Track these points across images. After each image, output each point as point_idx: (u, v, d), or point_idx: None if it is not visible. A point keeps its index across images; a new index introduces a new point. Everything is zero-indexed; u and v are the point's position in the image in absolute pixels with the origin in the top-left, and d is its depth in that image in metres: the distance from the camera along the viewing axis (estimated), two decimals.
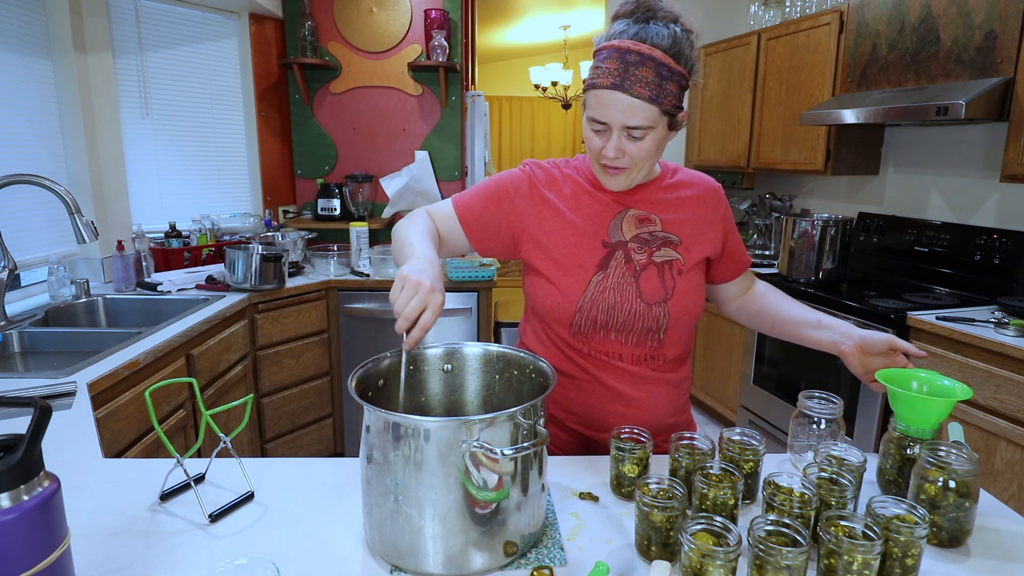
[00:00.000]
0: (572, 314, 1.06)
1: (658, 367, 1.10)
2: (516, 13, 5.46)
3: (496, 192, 1.12)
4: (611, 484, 0.95)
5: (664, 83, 0.95)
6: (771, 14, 3.60)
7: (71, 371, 1.44)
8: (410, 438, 0.72)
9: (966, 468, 0.81)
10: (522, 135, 7.68)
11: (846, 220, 2.79)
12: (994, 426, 1.93)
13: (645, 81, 0.93)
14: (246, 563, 0.66)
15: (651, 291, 1.06)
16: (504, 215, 1.11)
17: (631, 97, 0.94)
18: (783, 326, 1.19)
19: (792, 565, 0.66)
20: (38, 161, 2.25)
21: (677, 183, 1.14)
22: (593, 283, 1.06)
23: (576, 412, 1.13)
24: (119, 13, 2.53)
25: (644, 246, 1.07)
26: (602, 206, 1.09)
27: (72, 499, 0.90)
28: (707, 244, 1.12)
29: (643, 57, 0.93)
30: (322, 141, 3.27)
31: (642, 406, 1.10)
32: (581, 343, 1.09)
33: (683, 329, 1.11)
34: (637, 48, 0.93)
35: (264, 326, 2.47)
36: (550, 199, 1.10)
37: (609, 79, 0.94)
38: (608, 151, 0.99)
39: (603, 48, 0.97)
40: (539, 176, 1.13)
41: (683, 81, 0.97)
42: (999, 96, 2.13)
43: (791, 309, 1.18)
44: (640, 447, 0.92)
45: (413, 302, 0.81)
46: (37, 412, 0.60)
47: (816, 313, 1.16)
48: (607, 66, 0.95)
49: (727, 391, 3.34)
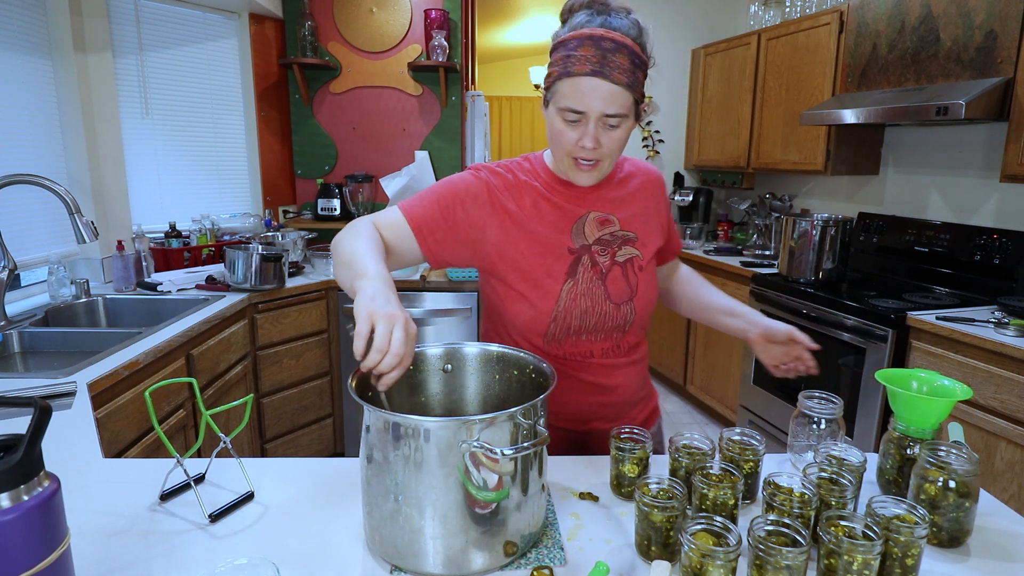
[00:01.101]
0: (547, 325, 1.06)
1: (624, 353, 1.14)
2: (516, 13, 5.46)
3: (452, 199, 1.05)
4: (611, 484, 0.95)
5: (636, 71, 0.95)
6: (771, 14, 3.60)
7: (71, 371, 1.44)
8: (410, 438, 0.72)
9: (966, 468, 0.81)
10: (522, 135, 7.68)
11: (846, 220, 2.79)
12: (994, 426, 1.93)
13: (622, 68, 0.93)
14: (246, 563, 0.66)
15: (618, 291, 1.08)
16: (461, 223, 1.05)
17: (611, 83, 0.93)
18: (700, 311, 1.28)
19: (792, 565, 0.66)
20: (38, 161, 2.25)
21: (626, 176, 1.15)
22: (564, 292, 1.05)
23: (558, 411, 1.13)
24: (119, 13, 2.53)
25: (606, 247, 1.08)
26: (563, 212, 1.07)
27: (72, 499, 0.90)
28: (657, 235, 1.15)
29: (617, 44, 0.93)
30: (322, 141, 3.27)
31: (617, 391, 1.14)
32: (555, 348, 1.10)
33: (646, 319, 1.14)
34: (611, 36, 0.93)
35: (264, 326, 2.47)
36: (510, 209, 1.06)
37: (588, 66, 0.92)
38: (586, 141, 0.97)
39: (572, 37, 0.94)
40: (495, 184, 1.07)
41: (646, 70, 0.98)
42: (999, 96, 2.13)
43: (709, 295, 1.27)
44: (640, 447, 0.92)
45: (397, 335, 0.75)
46: (37, 412, 0.60)
47: (731, 301, 1.24)
48: (582, 53, 0.93)
49: (727, 391, 3.34)
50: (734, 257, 3.45)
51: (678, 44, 4.12)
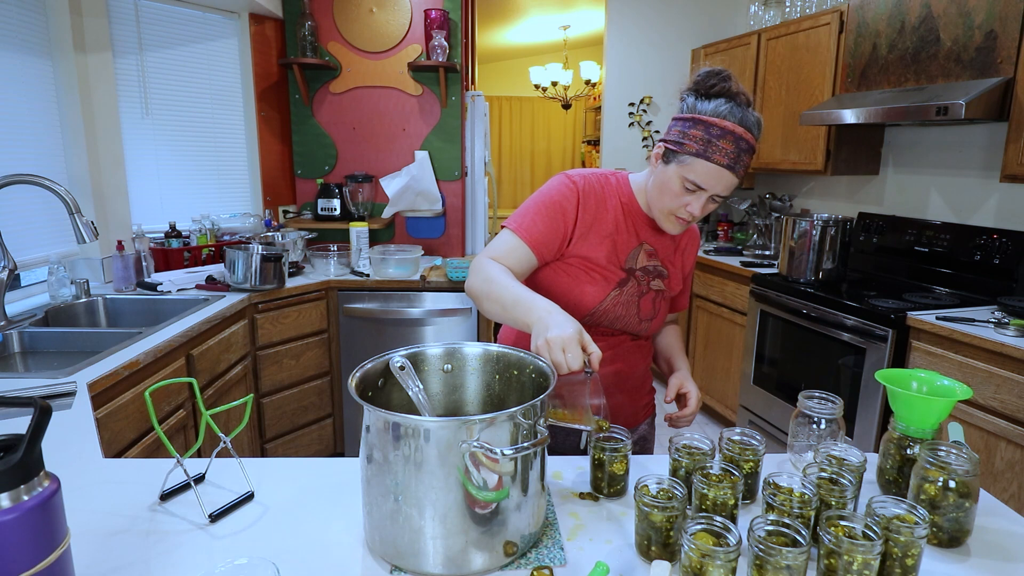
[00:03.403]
0: (585, 314, 1.21)
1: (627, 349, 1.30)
2: (516, 13, 5.46)
3: (556, 211, 1.18)
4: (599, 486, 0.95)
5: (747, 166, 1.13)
6: (771, 14, 3.60)
7: (71, 371, 1.44)
8: (410, 438, 0.72)
9: (966, 468, 0.81)
10: (522, 135, 7.68)
11: (846, 220, 2.79)
12: (994, 426, 1.93)
13: (745, 166, 1.11)
14: (246, 563, 0.66)
15: (646, 311, 1.26)
16: (561, 227, 1.19)
17: (735, 177, 1.10)
18: None
19: (792, 565, 0.66)
20: (38, 161, 2.25)
21: None
22: (610, 296, 1.21)
23: None
24: (119, 13, 2.53)
25: (647, 275, 1.25)
26: (628, 236, 1.23)
27: (72, 499, 0.90)
28: (679, 280, 1.33)
29: (749, 146, 1.10)
30: (322, 141, 3.27)
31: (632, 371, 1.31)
32: None
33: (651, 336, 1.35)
34: (747, 137, 1.09)
35: (264, 326, 2.47)
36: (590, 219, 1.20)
37: (726, 159, 1.08)
38: (695, 209, 1.13)
39: (716, 125, 1.07)
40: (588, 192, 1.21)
41: None
42: (999, 96, 2.13)
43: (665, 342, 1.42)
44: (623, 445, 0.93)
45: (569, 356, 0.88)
46: (37, 412, 0.60)
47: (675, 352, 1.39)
48: (723, 146, 1.07)
49: (727, 391, 3.34)
50: (734, 257, 3.45)
51: (678, 44, 4.12)
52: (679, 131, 1.11)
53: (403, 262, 2.77)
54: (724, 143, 1.07)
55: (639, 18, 4.10)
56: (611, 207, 1.22)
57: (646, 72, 4.14)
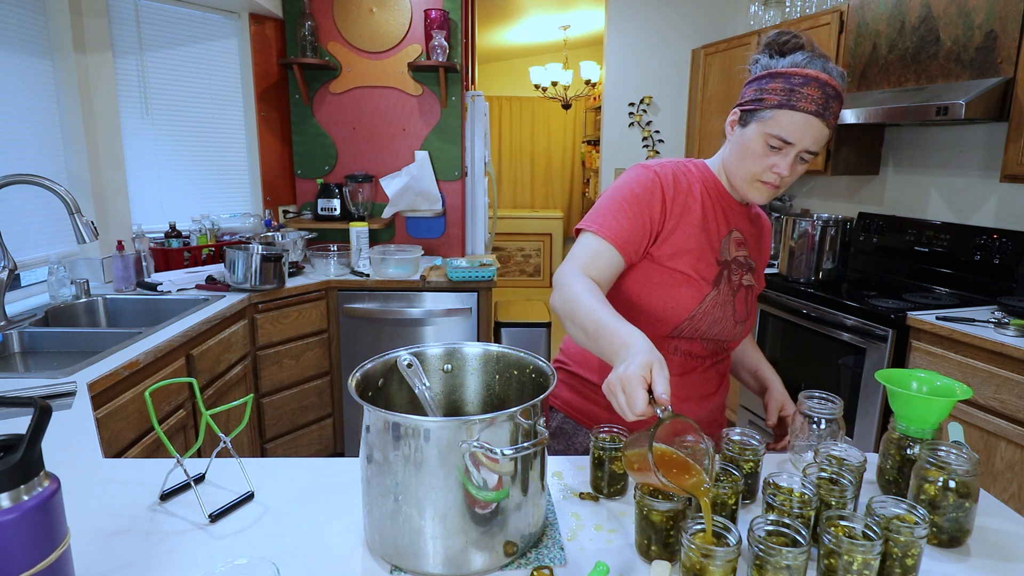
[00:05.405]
0: (681, 321, 1.09)
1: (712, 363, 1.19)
2: (516, 13, 5.46)
3: (641, 204, 1.07)
4: (599, 486, 0.95)
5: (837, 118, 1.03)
6: (771, 14, 3.60)
7: (71, 371, 1.44)
8: (410, 438, 0.72)
9: (966, 468, 0.81)
10: (522, 135, 7.67)
11: (846, 220, 2.79)
12: (994, 426, 1.93)
13: (835, 114, 1.00)
14: (246, 563, 0.66)
15: (741, 311, 1.14)
16: (646, 220, 1.08)
17: (826, 126, 1.00)
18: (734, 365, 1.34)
19: (792, 565, 0.66)
20: (38, 161, 2.25)
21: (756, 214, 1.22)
22: (708, 299, 1.09)
23: None
24: (119, 13, 2.53)
25: (739, 268, 1.14)
26: (718, 224, 1.12)
27: (72, 499, 0.90)
28: (761, 278, 1.22)
29: (837, 93, 1.00)
30: (322, 141, 3.27)
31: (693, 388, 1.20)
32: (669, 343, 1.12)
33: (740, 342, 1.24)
34: (833, 83, 0.99)
35: (264, 326, 2.47)
36: (679, 211, 1.09)
37: (813, 105, 0.98)
38: (783, 169, 1.02)
39: (796, 73, 0.99)
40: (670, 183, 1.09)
41: None
42: (999, 96, 2.13)
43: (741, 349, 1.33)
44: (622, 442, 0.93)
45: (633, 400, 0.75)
46: (37, 412, 0.60)
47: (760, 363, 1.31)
48: (808, 92, 0.98)
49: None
50: None
51: (678, 44, 4.12)
52: (755, 89, 1.02)
53: (403, 262, 2.77)
54: (809, 90, 0.98)
55: (639, 18, 4.10)
56: (697, 192, 1.10)
57: (646, 72, 4.14)
